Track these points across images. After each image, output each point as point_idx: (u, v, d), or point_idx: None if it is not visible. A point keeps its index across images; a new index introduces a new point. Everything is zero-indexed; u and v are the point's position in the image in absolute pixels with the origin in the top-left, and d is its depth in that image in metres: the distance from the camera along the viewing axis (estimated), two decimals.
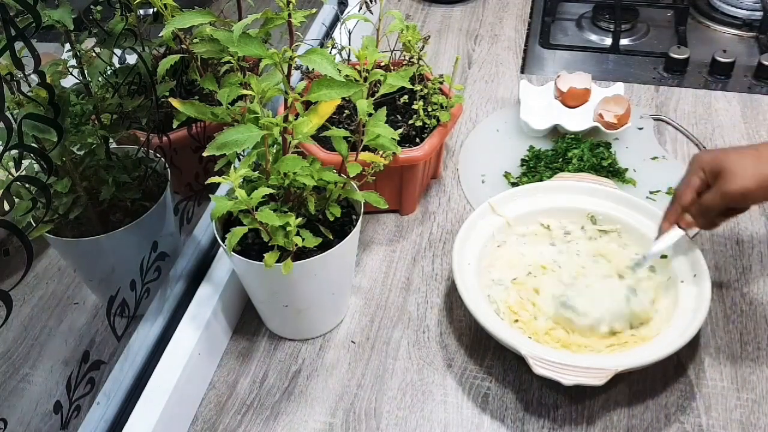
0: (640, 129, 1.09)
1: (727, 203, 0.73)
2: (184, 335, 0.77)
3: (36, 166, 0.63)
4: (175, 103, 0.70)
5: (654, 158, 1.04)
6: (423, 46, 0.93)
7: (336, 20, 1.25)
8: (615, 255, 0.85)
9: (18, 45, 0.50)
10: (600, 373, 0.68)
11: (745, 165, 0.70)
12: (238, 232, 0.68)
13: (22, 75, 0.56)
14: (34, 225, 0.63)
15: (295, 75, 0.96)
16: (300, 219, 0.69)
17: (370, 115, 0.74)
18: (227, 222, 0.77)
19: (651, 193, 0.98)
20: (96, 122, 0.74)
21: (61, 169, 0.70)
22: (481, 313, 0.75)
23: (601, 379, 0.68)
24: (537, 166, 1.01)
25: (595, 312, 0.77)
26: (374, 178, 0.78)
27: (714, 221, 0.76)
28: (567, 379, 0.68)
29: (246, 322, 0.87)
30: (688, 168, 0.77)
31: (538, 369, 0.69)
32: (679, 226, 0.78)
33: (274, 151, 0.70)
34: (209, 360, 0.80)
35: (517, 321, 0.79)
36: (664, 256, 0.82)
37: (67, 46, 0.69)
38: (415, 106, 0.92)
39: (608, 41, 1.33)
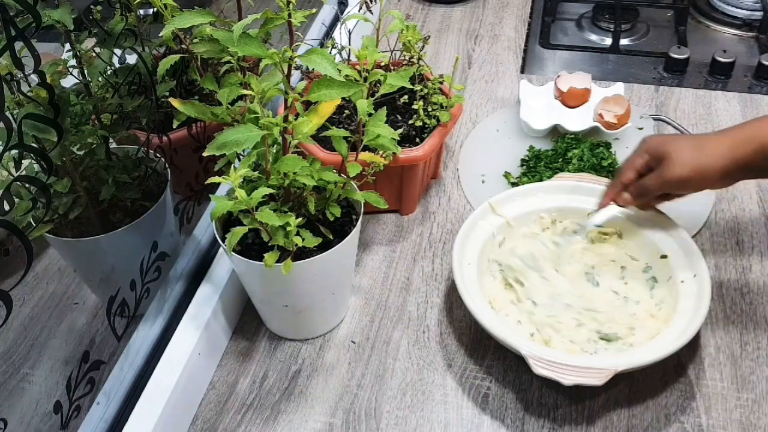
0: (640, 129, 1.09)
1: (664, 188, 0.77)
2: (184, 335, 0.77)
3: (36, 166, 0.63)
4: (175, 103, 0.70)
5: None
6: (423, 46, 0.93)
7: (336, 20, 1.25)
8: (615, 255, 0.86)
9: (18, 45, 0.50)
10: (600, 373, 0.68)
11: (686, 155, 0.74)
12: (238, 232, 0.68)
13: (22, 75, 0.56)
14: (34, 225, 0.63)
15: (295, 75, 0.96)
16: (300, 219, 0.69)
17: (370, 115, 0.74)
18: (227, 222, 0.77)
19: None
20: (96, 122, 0.74)
21: (61, 169, 0.70)
22: (481, 313, 0.75)
23: (601, 379, 0.68)
24: (537, 166, 1.01)
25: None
26: (374, 178, 0.78)
27: (650, 202, 0.82)
28: (567, 379, 0.68)
29: (246, 322, 0.87)
30: (635, 148, 0.80)
31: (538, 369, 0.69)
32: (617, 203, 0.83)
33: (274, 151, 0.71)
34: (209, 360, 0.80)
35: (519, 322, 0.79)
36: (663, 257, 0.82)
37: (67, 46, 0.69)
38: (415, 106, 0.92)
39: (608, 41, 1.33)
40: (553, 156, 1.02)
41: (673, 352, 0.70)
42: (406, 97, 0.96)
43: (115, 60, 0.74)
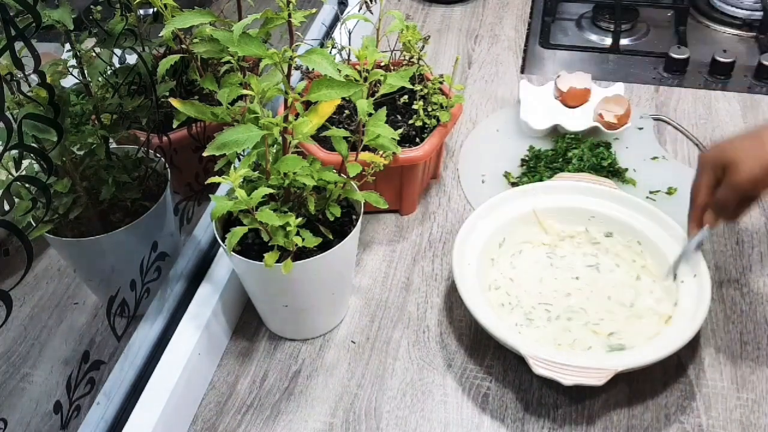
0: (640, 129, 1.09)
1: (739, 194, 0.73)
2: (184, 335, 0.77)
3: (36, 166, 0.63)
4: (175, 103, 0.70)
5: (654, 158, 1.04)
6: (423, 46, 0.93)
7: (336, 20, 1.25)
8: (616, 257, 0.86)
9: (18, 45, 0.50)
10: (600, 373, 0.68)
11: (748, 153, 0.70)
12: (238, 232, 0.68)
13: (22, 75, 0.56)
14: (34, 225, 0.63)
15: (295, 75, 0.96)
16: (300, 219, 0.69)
17: (370, 115, 0.74)
18: (227, 222, 0.77)
19: (651, 193, 0.98)
20: (96, 122, 0.74)
21: (61, 169, 0.70)
22: (481, 313, 0.75)
23: (601, 380, 0.68)
24: (537, 166, 1.01)
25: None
26: (374, 178, 0.78)
27: (734, 214, 0.76)
28: (567, 379, 0.68)
29: (246, 322, 0.87)
30: (697, 169, 0.77)
31: (538, 369, 0.69)
32: (709, 228, 0.78)
33: (274, 151, 0.71)
34: (209, 360, 0.80)
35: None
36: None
37: (67, 46, 0.69)
38: (415, 106, 0.92)
39: (608, 41, 1.33)
40: (553, 156, 1.02)
41: (673, 352, 0.70)
42: (406, 97, 0.96)
43: (115, 60, 0.74)
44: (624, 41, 1.33)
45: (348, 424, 0.75)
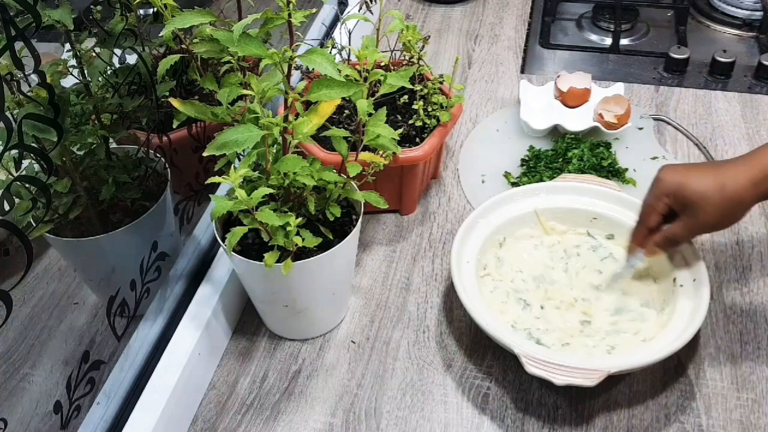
0: (640, 129, 1.09)
1: (694, 236, 0.76)
2: (184, 335, 0.77)
3: (36, 166, 0.63)
4: (175, 103, 0.70)
5: (654, 158, 1.04)
6: (423, 46, 0.93)
7: (336, 20, 1.25)
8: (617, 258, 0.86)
9: (18, 45, 0.50)
10: (592, 374, 0.68)
11: (709, 199, 0.71)
12: (238, 232, 0.68)
13: (22, 75, 0.56)
14: (34, 225, 0.63)
15: (295, 75, 0.96)
16: (300, 219, 0.69)
17: (370, 115, 0.74)
18: (227, 222, 0.77)
19: None
20: (96, 122, 0.74)
21: (61, 169, 0.70)
22: (477, 312, 0.75)
23: (593, 381, 0.68)
24: (537, 166, 1.01)
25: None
26: (374, 178, 0.78)
27: (681, 244, 0.79)
28: (559, 379, 0.68)
29: (246, 322, 0.87)
30: (652, 187, 0.77)
31: (531, 368, 0.69)
32: (647, 255, 0.80)
33: (274, 151, 0.71)
34: (209, 360, 0.80)
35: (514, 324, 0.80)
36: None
37: (67, 46, 0.69)
38: (415, 106, 0.92)
39: (608, 41, 1.33)
40: (553, 156, 1.02)
41: (665, 357, 0.70)
42: (406, 97, 0.96)
43: (115, 60, 0.74)
44: (624, 41, 1.33)
45: (348, 424, 0.75)
